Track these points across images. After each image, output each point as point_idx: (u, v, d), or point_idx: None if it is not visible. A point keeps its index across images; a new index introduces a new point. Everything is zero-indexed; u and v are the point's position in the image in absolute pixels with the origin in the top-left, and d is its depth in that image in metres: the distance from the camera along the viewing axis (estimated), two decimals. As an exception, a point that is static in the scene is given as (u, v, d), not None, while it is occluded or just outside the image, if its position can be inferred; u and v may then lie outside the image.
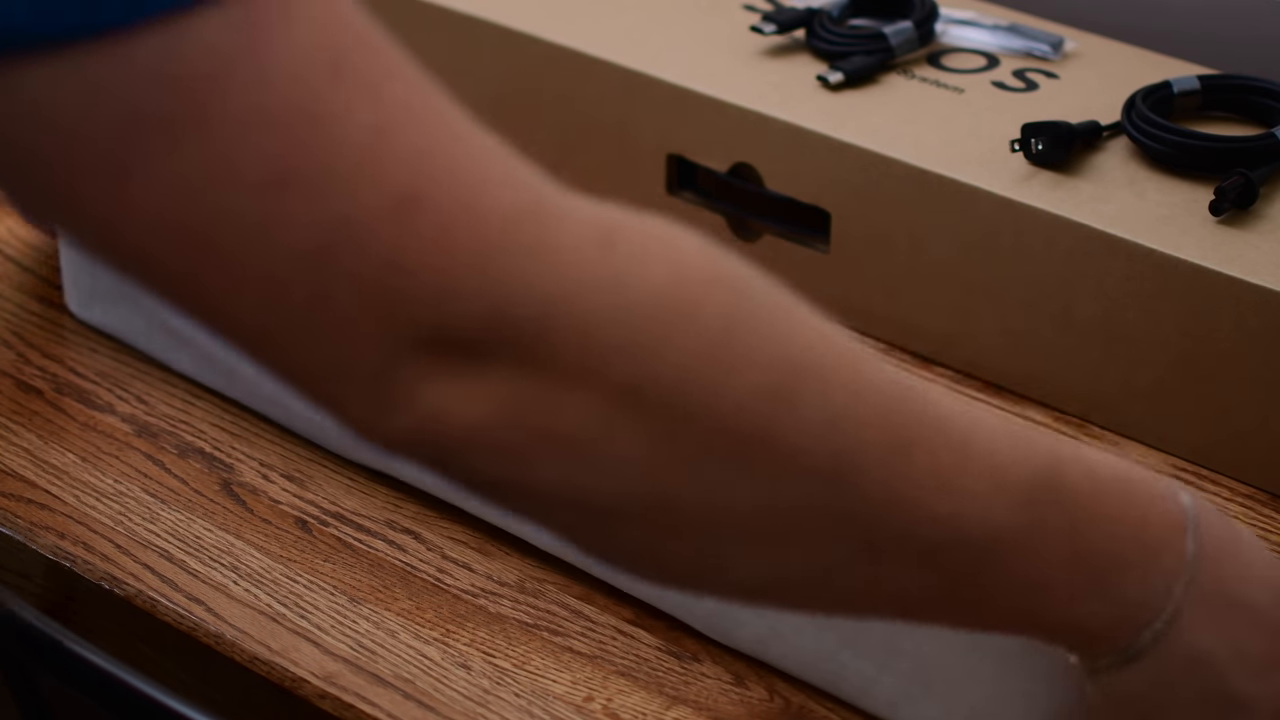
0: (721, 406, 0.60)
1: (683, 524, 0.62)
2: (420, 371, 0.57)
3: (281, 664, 0.86)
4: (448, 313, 0.57)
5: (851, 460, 0.62)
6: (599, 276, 0.59)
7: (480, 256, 0.57)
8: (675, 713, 0.84)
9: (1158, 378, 0.98)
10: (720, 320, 0.60)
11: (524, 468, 0.59)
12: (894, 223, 1.04)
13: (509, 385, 0.58)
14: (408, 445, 0.59)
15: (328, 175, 0.56)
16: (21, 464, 0.97)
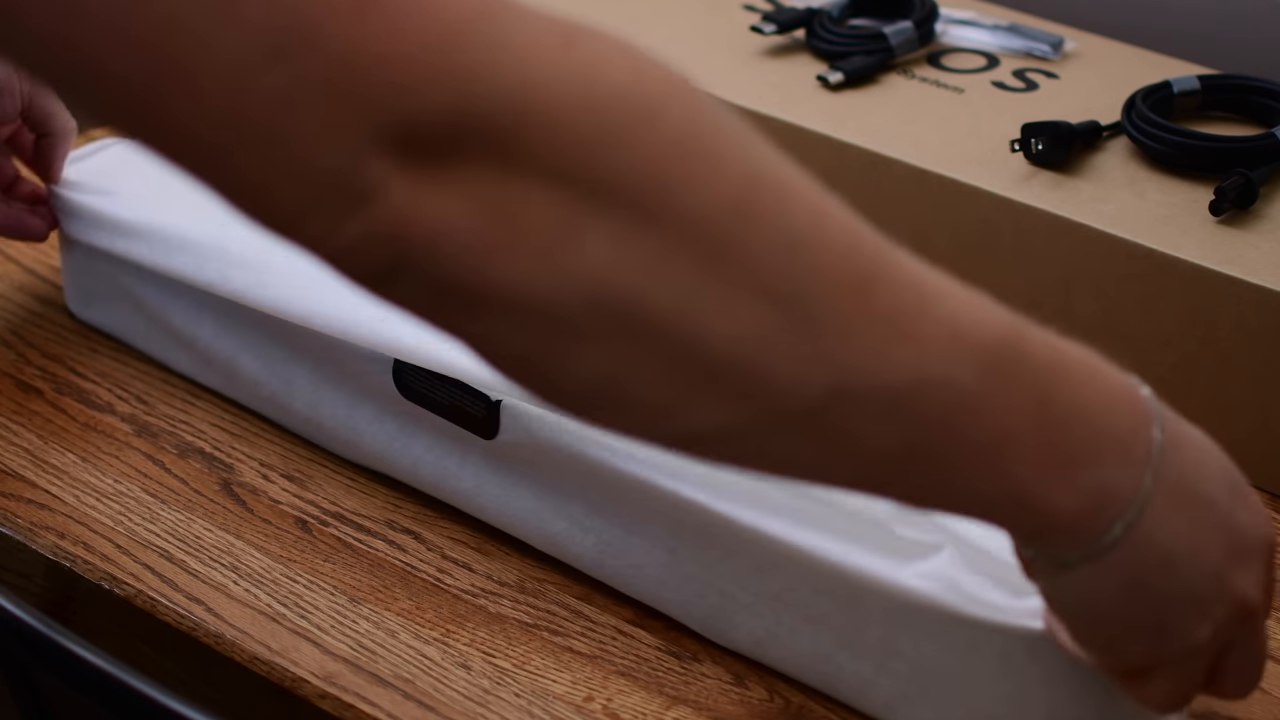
0: (684, 211, 0.59)
1: (645, 345, 0.60)
2: (385, 169, 0.56)
3: (281, 664, 0.86)
4: (412, 108, 0.56)
5: (812, 286, 0.61)
6: (563, 70, 0.58)
7: (440, 50, 0.56)
8: (675, 713, 0.84)
9: (1158, 378, 0.98)
10: (683, 125, 0.60)
11: (486, 269, 0.58)
12: (894, 223, 1.04)
13: (476, 180, 0.57)
14: (366, 251, 0.58)
15: None
16: (21, 464, 0.97)
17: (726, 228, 0.60)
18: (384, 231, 0.57)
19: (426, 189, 0.57)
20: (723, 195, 0.60)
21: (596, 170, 0.58)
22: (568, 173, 0.58)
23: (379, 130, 0.56)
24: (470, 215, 0.57)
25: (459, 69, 0.56)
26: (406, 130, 0.56)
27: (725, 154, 0.60)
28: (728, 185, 0.60)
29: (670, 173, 0.59)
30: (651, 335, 0.60)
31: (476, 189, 0.57)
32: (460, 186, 0.57)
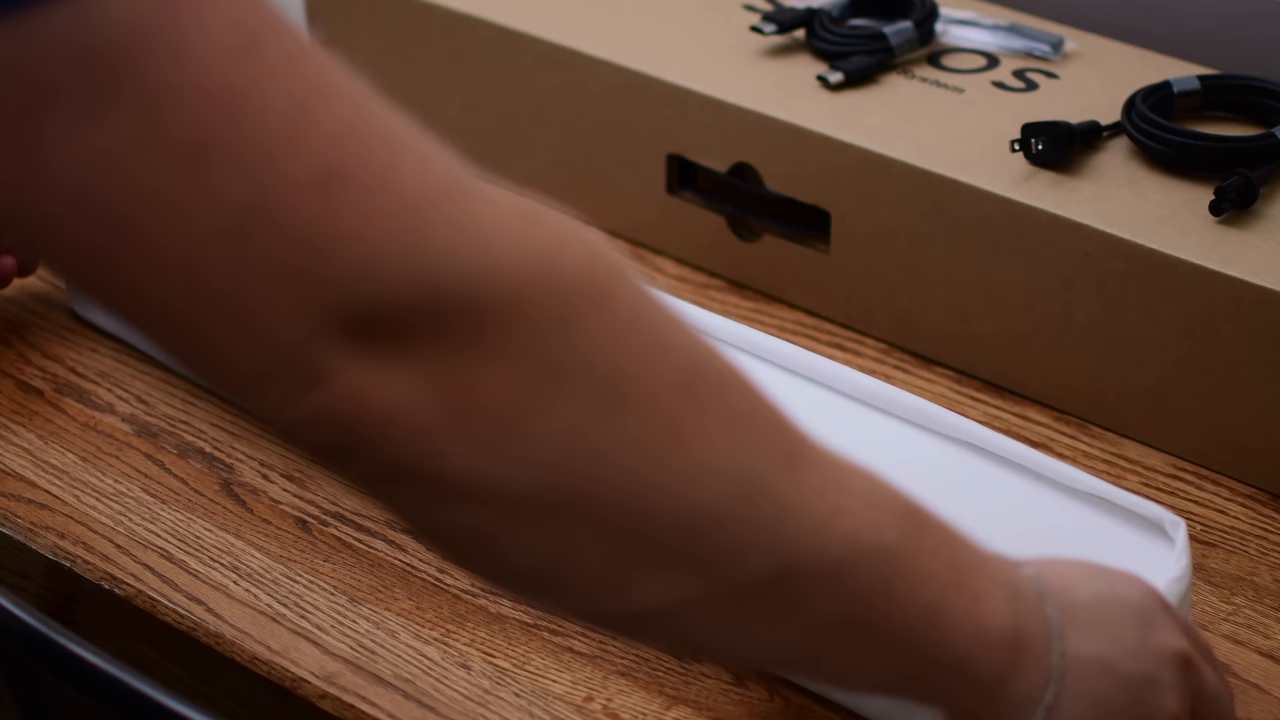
0: (640, 394, 0.60)
1: (593, 531, 0.60)
2: (340, 350, 0.56)
3: (281, 664, 0.86)
4: (371, 292, 0.56)
5: (755, 465, 0.62)
6: (527, 250, 0.58)
7: (405, 231, 0.56)
8: (675, 713, 0.84)
9: (1158, 378, 0.98)
10: (633, 309, 0.60)
11: (439, 453, 0.58)
12: (894, 223, 1.04)
13: (430, 362, 0.57)
14: (319, 429, 0.57)
15: (247, 149, 0.55)
16: (21, 464, 0.97)
17: (678, 410, 0.61)
18: (336, 412, 0.57)
19: (381, 371, 0.57)
20: (672, 378, 0.61)
21: (554, 353, 0.58)
22: (526, 355, 0.58)
23: (336, 312, 0.56)
24: (424, 399, 0.57)
25: (422, 251, 0.56)
26: (364, 313, 0.56)
27: (670, 338, 0.61)
28: (675, 368, 0.61)
29: (625, 356, 0.60)
30: (605, 516, 0.60)
31: (432, 372, 0.57)
32: (415, 369, 0.57)
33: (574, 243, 0.60)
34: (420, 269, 0.56)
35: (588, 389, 0.59)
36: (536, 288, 0.58)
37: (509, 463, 0.58)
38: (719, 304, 1.10)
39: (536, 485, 0.59)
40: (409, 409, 0.57)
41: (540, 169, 1.17)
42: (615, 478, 0.60)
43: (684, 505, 0.61)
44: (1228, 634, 0.89)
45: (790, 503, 0.63)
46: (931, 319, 1.05)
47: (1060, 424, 1.01)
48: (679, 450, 0.61)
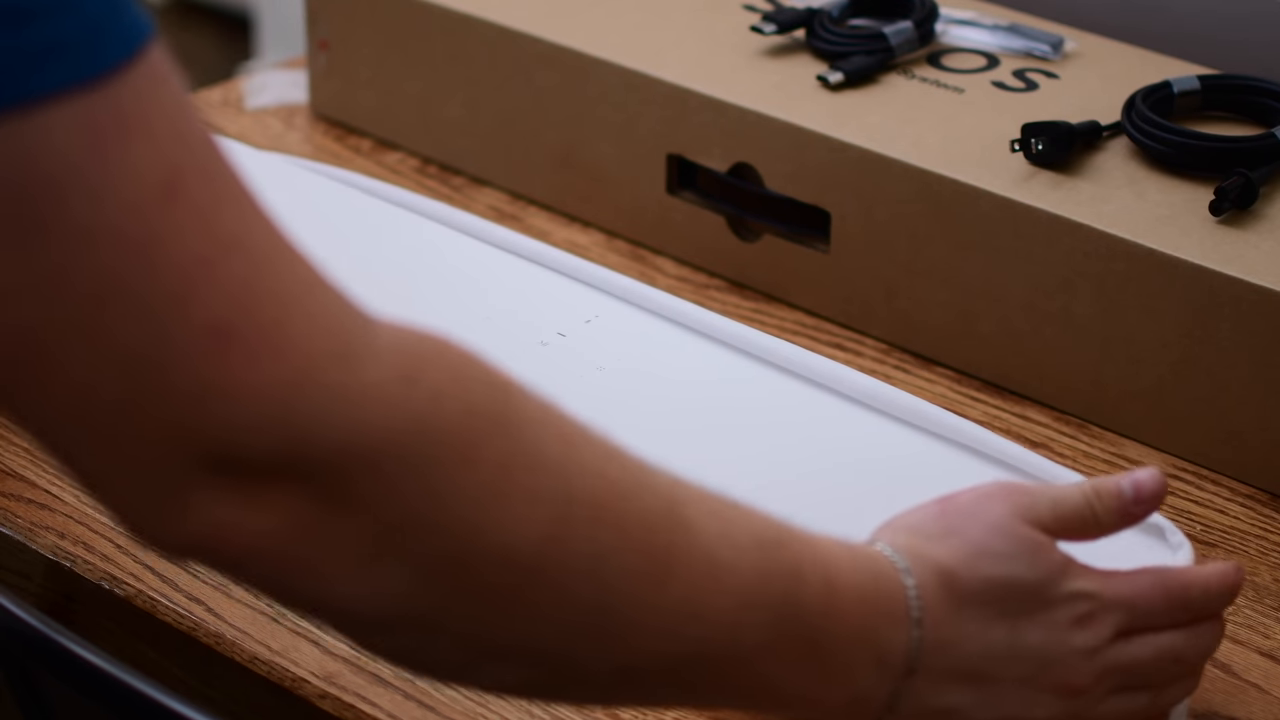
0: (495, 544, 0.63)
1: (445, 641, 0.65)
2: (207, 488, 0.59)
3: (281, 664, 0.86)
4: (246, 442, 0.59)
5: (614, 594, 0.65)
6: (399, 413, 0.61)
7: (283, 396, 0.59)
8: (675, 713, 0.84)
9: (1158, 378, 0.98)
10: (500, 465, 0.63)
11: (298, 581, 0.62)
12: (894, 223, 1.04)
13: (292, 511, 0.60)
14: (187, 552, 0.62)
15: (148, 299, 0.57)
16: (21, 464, 0.97)
17: (532, 559, 0.64)
18: (201, 542, 0.61)
19: (241, 511, 0.60)
20: (533, 524, 0.63)
21: (409, 512, 0.61)
22: (381, 512, 0.61)
23: (208, 456, 0.59)
24: (284, 537, 0.61)
25: (295, 418, 0.59)
26: (235, 460, 0.59)
27: (536, 488, 0.63)
28: (539, 514, 0.63)
29: (482, 512, 0.62)
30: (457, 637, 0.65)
31: (293, 515, 0.60)
32: (278, 511, 0.60)
33: (449, 401, 0.62)
34: (291, 431, 0.59)
35: (439, 540, 0.62)
36: (397, 452, 0.61)
37: (357, 595, 0.62)
38: (719, 304, 1.10)
39: (384, 613, 0.63)
40: (268, 546, 0.61)
41: (540, 169, 1.17)
42: (462, 611, 0.64)
43: (532, 631, 0.65)
44: (1228, 634, 0.89)
45: (643, 622, 0.66)
46: (931, 319, 1.05)
47: (1060, 424, 1.01)
48: (530, 592, 0.64)
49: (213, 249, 0.58)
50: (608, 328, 0.97)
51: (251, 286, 0.59)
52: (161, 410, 0.58)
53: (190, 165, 0.58)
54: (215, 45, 2.85)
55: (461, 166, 1.21)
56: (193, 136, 0.58)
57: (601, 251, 1.14)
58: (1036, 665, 0.74)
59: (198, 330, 0.58)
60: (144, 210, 0.57)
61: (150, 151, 0.57)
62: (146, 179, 0.57)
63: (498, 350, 0.95)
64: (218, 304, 0.58)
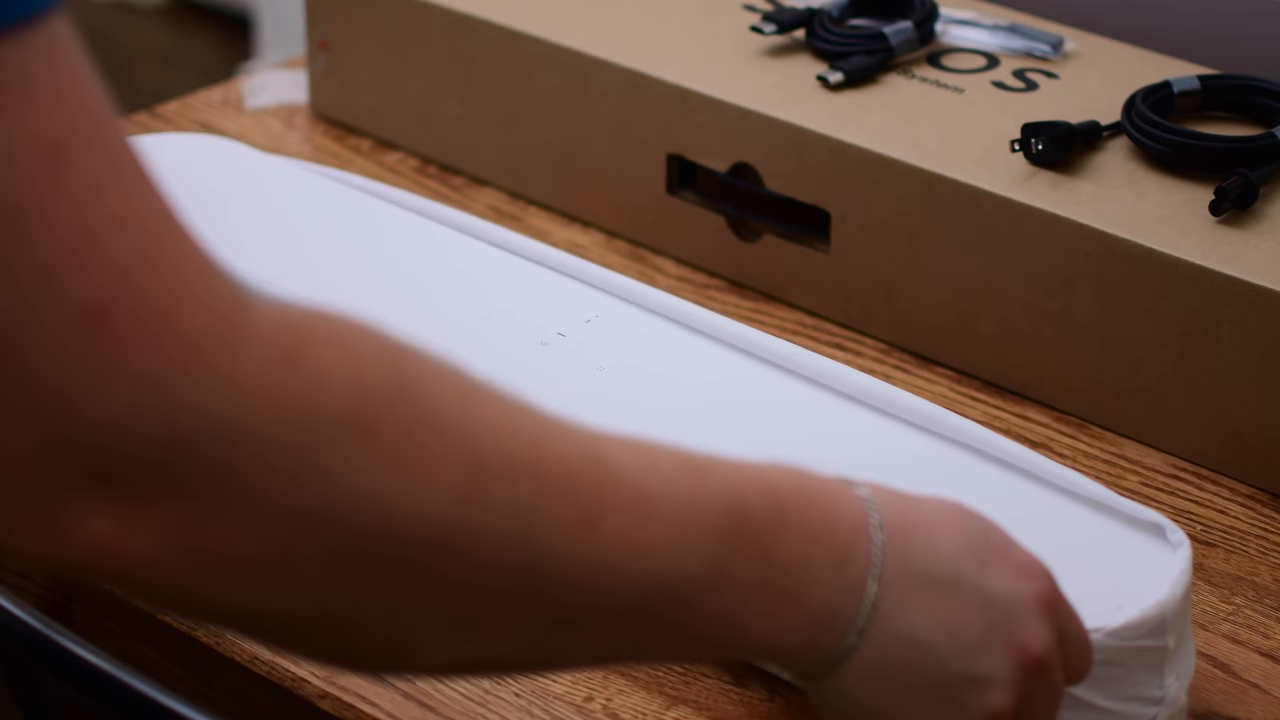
0: (405, 519, 0.59)
1: (370, 630, 0.61)
2: (84, 499, 0.55)
3: (281, 664, 0.86)
4: (119, 439, 0.54)
5: (541, 547, 0.62)
6: (280, 397, 0.57)
7: (159, 384, 0.54)
8: (675, 713, 0.84)
9: (1158, 378, 0.98)
10: (399, 435, 0.59)
11: (197, 596, 0.58)
12: (894, 223, 1.05)
13: (179, 518, 0.56)
14: (71, 571, 0.57)
15: (16, 275, 0.53)
16: (21, 464, 0.97)
17: (448, 527, 0.60)
18: (79, 559, 0.56)
19: (124, 526, 0.56)
20: (443, 495, 0.60)
21: (307, 501, 0.57)
22: (276, 506, 0.57)
23: (81, 461, 0.54)
24: (169, 553, 0.56)
25: (171, 408, 0.55)
26: (110, 464, 0.55)
27: (443, 451, 0.60)
28: (449, 479, 0.60)
29: (387, 488, 0.58)
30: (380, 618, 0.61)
31: (175, 525, 0.56)
32: (162, 524, 0.56)
33: (336, 379, 0.58)
34: (168, 425, 0.55)
35: (344, 527, 0.58)
36: (285, 438, 0.57)
37: (266, 598, 0.59)
38: (719, 304, 1.10)
39: (300, 610, 0.60)
40: (154, 564, 0.56)
41: (540, 169, 1.17)
42: (380, 597, 0.60)
43: (460, 603, 0.62)
44: (1228, 634, 0.89)
45: (578, 569, 0.63)
46: (931, 319, 1.05)
47: (1060, 424, 1.01)
48: (450, 563, 0.60)
49: (95, 223, 0.54)
50: (608, 327, 0.97)
51: (131, 267, 0.55)
52: (26, 399, 0.54)
53: (81, 136, 0.54)
54: (215, 45, 2.85)
55: (461, 166, 1.21)
56: (88, 108, 0.55)
57: (601, 251, 1.14)
58: (1002, 613, 0.71)
59: (70, 311, 0.53)
60: (24, 178, 0.53)
61: (40, 117, 0.54)
62: (33, 144, 0.53)
63: (497, 351, 0.96)
64: (94, 283, 0.54)
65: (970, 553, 0.72)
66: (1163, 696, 0.80)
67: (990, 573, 0.71)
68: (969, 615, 0.71)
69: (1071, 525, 0.86)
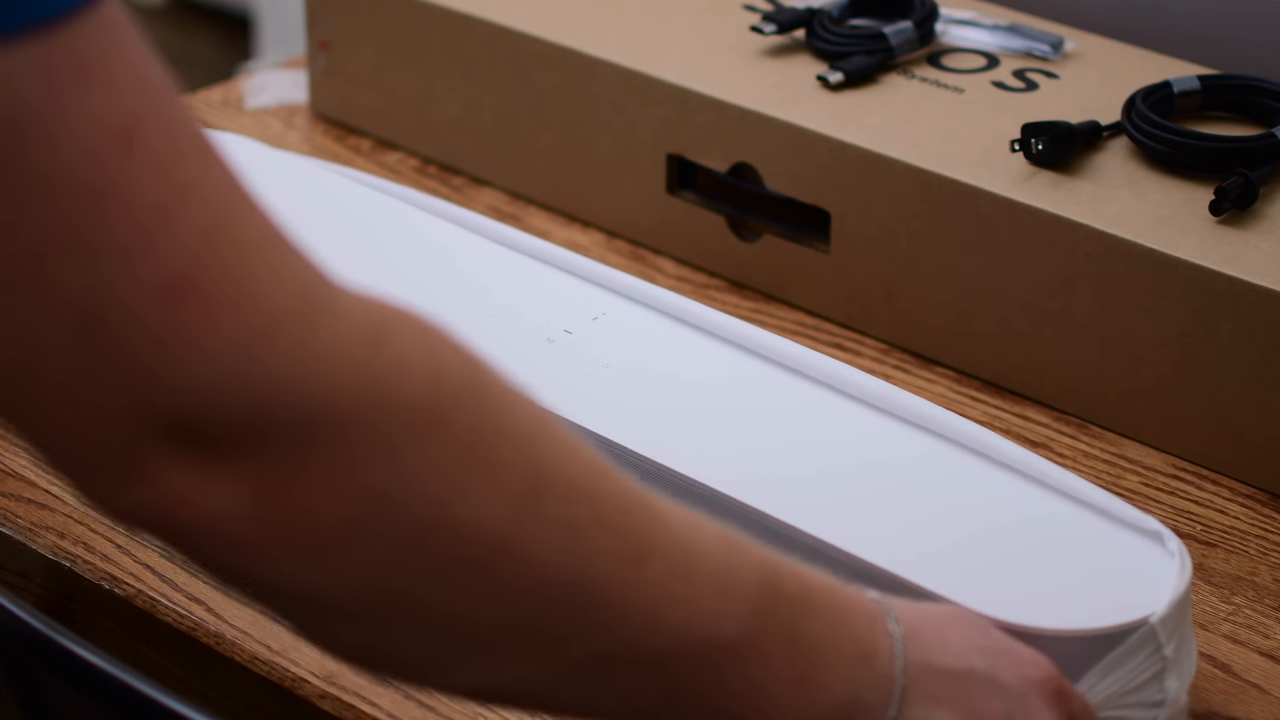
0: (464, 519, 0.60)
1: (414, 629, 0.62)
2: (165, 454, 0.57)
3: (281, 664, 0.86)
4: (205, 403, 0.56)
5: (591, 572, 0.63)
6: (365, 375, 0.58)
7: (243, 352, 0.56)
8: None
9: (1158, 378, 0.98)
10: (470, 434, 0.60)
11: (256, 560, 0.59)
12: (894, 223, 1.04)
13: (254, 478, 0.57)
14: (141, 522, 0.59)
15: (104, 248, 0.55)
16: (21, 464, 0.97)
17: (507, 533, 0.61)
18: (156, 512, 0.58)
19: (203, 479, 0.57)
20: (504, 501, 0.61)
21: (376, 480, 0.59)
22: (350, 480, 0.58)
23: (164, 419, 0.56)
24: (243, 512, 0.58)
25: (257, 373, 0.56)
26: (193, 423, 0.56)
27: (509, 458, 0.61)
28: (512, 484, 0.61)
29: (452, 484, 0.60)
30: (424, 620, 0.62)
31: (254, 487, 0.58)
32: (237, 482, 0.57)
33: (416, 367, 0.59)
34: (253, 391, 0.56)
35: (408, 513, 0.59)
36: (365, 416, 0.58)
37: (320, 574, 0.60)
38: (719, 304, 1.10)
39: (347, 595, 0.60)
40: (227, 520, 0.58)
41: (540, 169, 1.17)
42: (431, 592, 0.61)
43: (504, 612, 0.62)
44: (1228, 634, 0.89)
45: (622, 603, 0.64)
46: (931, 319, 1.05)
47: (1060, 424, 1.01)
48: (502, 567, 0.61)
49: (170, 199, 0.55)
50: (614, 325, 0.97)
51: (210, 238, 0.56)
52: (114, 369, 0.55)
53: (149, 114, 0.56)
54: (215, 45, 2.85)
55: (461, 166, 1.21)
56: (152, 86, 0.56)
57: (601, 251, 1.14)
58: (1016, 702, 0.73)
59: (153, 284, 0.55)
60: (101, 158, 0.54)
61: (108, 99, 0.55)
62: (104, 126, 0.54)
63: (504, 347, 0.95)
64: (174, 256, 0.55)
65: (976, 647, 0.73)
66: (1163, 699, 0.80)
67: (998, 665, 0.73)
68: (988, 706, 0.72)
69: (1070, 529, 0.86)
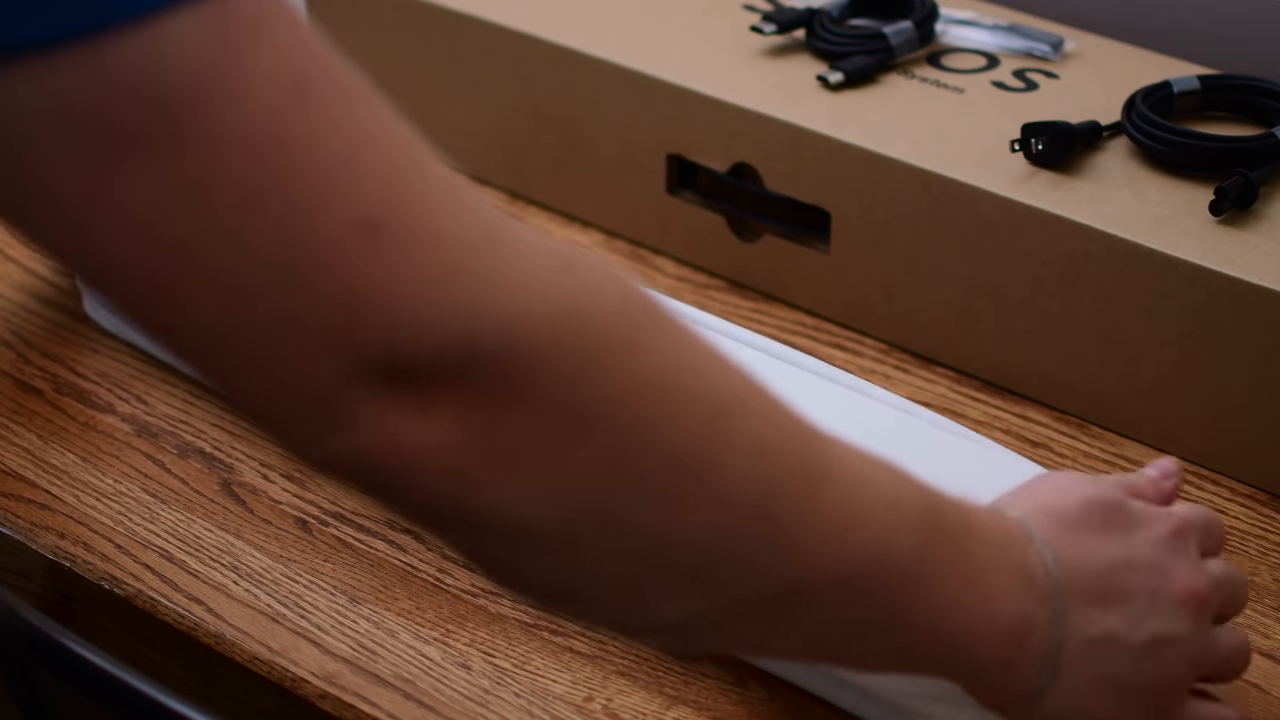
0: (661, 440, 0.62)
1: (612, 556, 0.63)
2: (371, 395, 0.58)
3: (281, 664, 0.86)
4: (406, 344, 0.57)
5: (775, 491, 0.64)
6: (559, 300, 0.59)
7: (440, 283, 0.57)
8: (675, 713, 0.84)
9: (1158, 378, 0.98)
10: (660, 358, 0.62)
11: (468, 492, 0.60)
12: (894, 223, 1.05)
13: (460, 408, 0.58)
14: (350, 467, 0.59)
15: (293, 200, 0.56)
16: (21, 464, 0.97)
17: (698, 451, 0.62)
18: (366, 454, 0.59)
19: (409, 416, 0.58)
20: (695, 421, 0.62)
21: (579, 402, 0.60)
22: (552, 403, 0.60)
23: (369, 360, 0.57)
24: (452, 442, 0.59)
25: (459, 303, 0.58)
26: (396, 361, 0.58)
27: (697, 383, 0.63)
28: (698, 410, 0.63)
29: (648, 405, 0.61)
30: (625, 545, 0.63)
31: (460, 417, 0.59)
32: (443, 414, 0.58)
33: (605, 291, 0.61)
34: (451, 323, 0.58)
35: (610, 435, 0.61)
36: (564, 339, 0.59)
37: (530, 501, 0.60)
38: (719, 304, 1.10)
39: (560, 521, 0.61)
40: (436, 453, 0.59)
41: (540, 169, 1.17)
42: (631, 514, 0.62)
43: (699, 534, 0.63)
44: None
45: (807, 522, 0.65)
46: (931, 319, 1.05)
47: (1060, 424, 1.01)
48: (696, 486, 0.63)
49: (348, 146, 0.57)
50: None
51: (393, 179, 0.58)
52: (318, 316, 0.56)
53: (315, 67, 0.58)
54: (215, 45, 2.85)
55: (461, 166, 1.21)
56: (312, 40, 0.58)
57: (601, 251, 1.14)
58: (1158, 574, 0.75)
59: (346, 227, 0.56)
60: (280, 112, 0.56)
61: (278, 54, 0.56)
62: (279, 81, 0.56)
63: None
64: (362, 199, 0.57)
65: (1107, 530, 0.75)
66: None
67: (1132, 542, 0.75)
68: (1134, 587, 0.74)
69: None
